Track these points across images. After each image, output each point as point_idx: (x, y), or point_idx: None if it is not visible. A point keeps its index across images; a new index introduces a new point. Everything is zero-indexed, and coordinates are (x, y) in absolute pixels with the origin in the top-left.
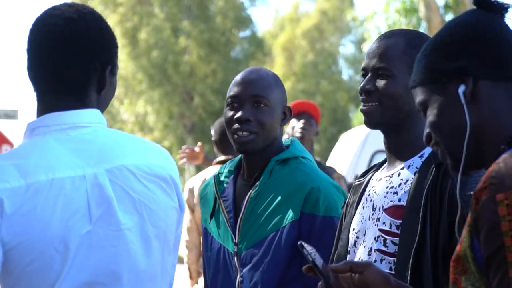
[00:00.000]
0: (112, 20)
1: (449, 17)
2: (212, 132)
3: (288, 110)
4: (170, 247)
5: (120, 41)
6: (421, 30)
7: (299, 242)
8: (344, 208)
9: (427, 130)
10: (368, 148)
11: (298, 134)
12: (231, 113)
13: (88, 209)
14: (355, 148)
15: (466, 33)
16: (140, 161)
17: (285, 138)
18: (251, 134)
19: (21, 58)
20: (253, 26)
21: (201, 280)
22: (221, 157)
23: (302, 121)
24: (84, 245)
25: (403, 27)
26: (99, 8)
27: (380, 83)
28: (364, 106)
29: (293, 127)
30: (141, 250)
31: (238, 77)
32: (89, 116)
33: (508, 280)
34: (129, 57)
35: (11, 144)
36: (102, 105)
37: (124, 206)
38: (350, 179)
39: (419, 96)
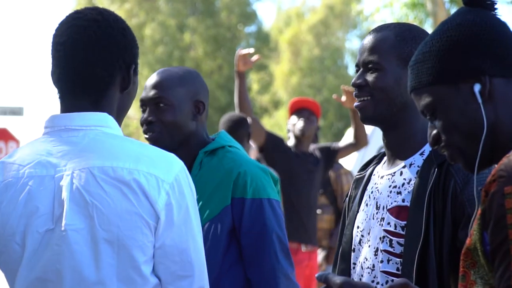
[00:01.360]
0: None
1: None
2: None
3: (202, 104)
4: (131, 254)
5: None
6: (427, 24)
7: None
8: (347, 202)
9: (434, 131)
10: (374, 143)
11: (298, 133)
12: (142, 115)
13: (53, 208)
14: None
15: (474, 32)
16: (107, 163)
17: (288, 135)
18: (155, 133)
19: (27, 56)
20: (259, 21)
21: None
22: None
23: (302, 119)
24: (44, 242)
25: (410, 21)
26: (105, 4)
27: (370, 77)
28: (357, 102)
29: (294, 125)
30: (89, 252)
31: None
32: (84, 119)
33: (510, 273)
34: None
35: (17, 141)
36: (125, 104)
37: (78, 208)
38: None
39: (425, 98)
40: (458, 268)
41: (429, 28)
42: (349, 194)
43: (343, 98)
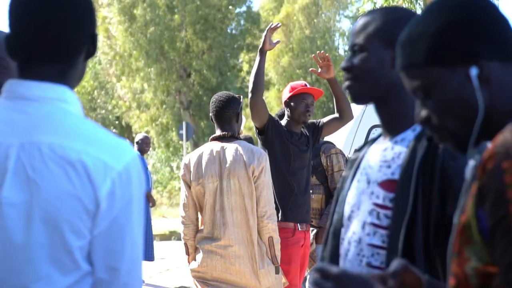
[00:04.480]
0: None
1: None
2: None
3: None
4: (65, 237)
5: (117, 17)
6: (417, 5)
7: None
8: (341, 182)
9: (423, 112)
10: (365, 122)
11: (301, 119)
12: None
13: None
14: (352, 123)
15: (474, 14)
16: (57, 141)
17: (282, 110)
18: None
19: None
20: (249, 1)
21: (199, 256)
22: (218, 133)
23: (308, 107)
24: None
25: (399, 3)
26: None
27: (356, 59)
28: (346, 84)
29: (296, 108)
30: (21, 229)
31: None
32: (42, 90)
33: None
34: (126, 33)
35: None
36: (83, 72)
37: (19, 182)
38: (347, 153)
39: (418, 78)
40: (445, 241)
41: (419, 10)
42: (342, 174)
43: (319, 70)
